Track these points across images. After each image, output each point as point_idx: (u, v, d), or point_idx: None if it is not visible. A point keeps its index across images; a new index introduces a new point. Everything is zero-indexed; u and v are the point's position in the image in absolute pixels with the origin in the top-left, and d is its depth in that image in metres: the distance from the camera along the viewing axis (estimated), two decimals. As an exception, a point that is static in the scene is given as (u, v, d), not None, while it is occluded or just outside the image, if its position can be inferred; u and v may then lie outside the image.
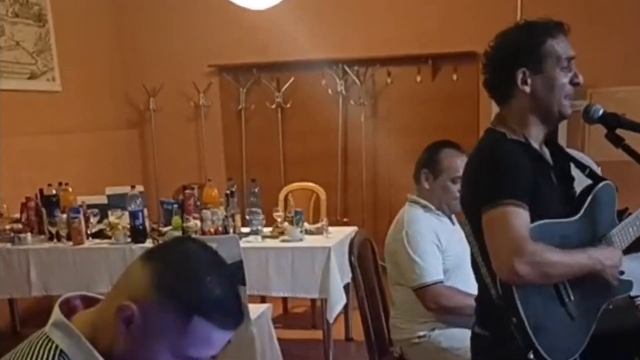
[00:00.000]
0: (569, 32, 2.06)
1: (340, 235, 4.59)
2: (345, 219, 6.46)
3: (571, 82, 2.03)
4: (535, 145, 2.09)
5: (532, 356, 1.92)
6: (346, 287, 4.44)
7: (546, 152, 2.16)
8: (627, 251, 2.14)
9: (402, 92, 6.65)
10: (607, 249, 2.06)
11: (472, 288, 3.02)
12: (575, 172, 2.21)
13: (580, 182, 2.19)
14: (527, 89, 2.02)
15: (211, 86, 7.01)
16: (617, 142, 2.06)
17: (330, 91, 6.71)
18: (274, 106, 6.83)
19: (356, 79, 6.66)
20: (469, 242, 2.15)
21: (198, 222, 4.46)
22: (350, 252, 3.25)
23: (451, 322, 3.06)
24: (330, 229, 4.68)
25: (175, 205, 4.64)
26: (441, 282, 3.01)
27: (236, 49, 6.78)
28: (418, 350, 3.09)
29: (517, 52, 2.03)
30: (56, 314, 1.30)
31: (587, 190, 2.13)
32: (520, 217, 1.88)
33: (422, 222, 3.10)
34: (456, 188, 3.05)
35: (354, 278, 3.25)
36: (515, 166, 1.95)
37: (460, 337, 2.97)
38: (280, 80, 6.82)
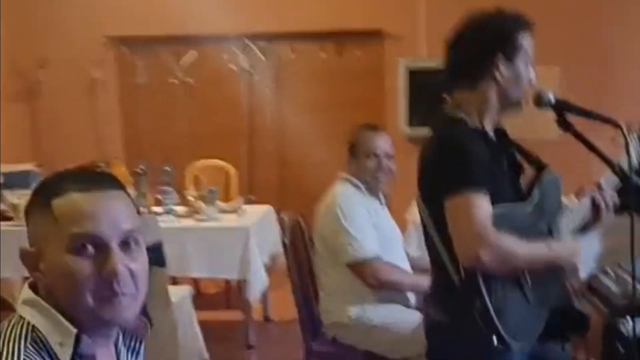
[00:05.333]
0: (534, 26, 2.11)
1: (256, 214, 4.53)
2: (252, 197, 6.35)
3: (528, 80, 2.09)
4: (490, 133, 2.12)
5: (495, 339, 1.94)
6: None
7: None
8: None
9: (307, 69, 6.58)
10: (568, 243, 2.13)
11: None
12: None
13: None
14: (499, 75, 2.04)
15: (107, 59, 6.67)
16: (567, 127, 2.12)
17: (234, 66, 6.56)
18: (175, 81, 6.61)
19: (260, 55, 6.54)
20: (427, 228, 2.13)
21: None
22: (283, 233, 3.21)
23: (381, 299, 3.07)
24: (244, 207, 4.61)
25: (83, 185, 4.38)
26: (378, 257, 3.02)
27: (134, 20, 6.47)
28: (351, 331, 3.09)
29: (498, 38, 2.05)
30: (25, 292, 1.28)
31: (535, 178, 2.18)
32: (483, 205, 1.92)
33: (354, 198, 3.12)
34: (372, 163, 3.13)
35: (287, 259, 3.21)
36: (478, 155, 1.98)
37: (391, 314, 3.05)
38: (182, 54, 6.59)
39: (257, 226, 4.28)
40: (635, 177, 2.07)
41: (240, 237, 4.18)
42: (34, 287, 1.28)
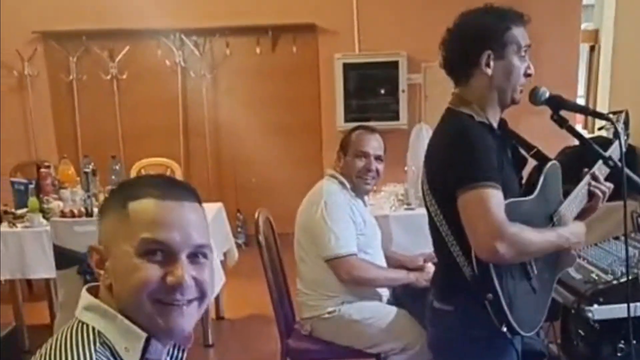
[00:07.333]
0: (529, 22, 2.13)
1: (210, 211, 4.47)
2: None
3: (525, 73, 2.11)
4: (495, 126, 2.15)
5: (505, 329, 2.00)
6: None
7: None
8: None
9: (243, 64, 6.57)
10: (573, 224, 2.18)
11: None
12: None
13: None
14: (489, 71, 2.07)
15: (37, 54, 6.45)
16: (562, 122, 2.18)
17: (168, 62, 6.48)
18: (108, 77, 6.47)
19: (195, 50, 6.47)
20: (435, 223, 2.15)
21: (60, 203, 4.13)
22: (257, 231, 3.21)
23: (359, 296, 3.11)
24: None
25: (31, 186, 4.25)
26: (355, 254, 3.05)
27: (63, 14, 6.29)
28: (329, 325, 3.11)
29: (485, 35, 2.07)
30: (86, 297, 1.27)
31: (537, 169, 2.23)
32: (497, 198, 1.94)
33: (339, 195, 3.14)
34: (361, 163, 3.16)
35: (261, 257, 3.20)
36: (488, 149, 2.00)
37: (369, 309, 3.10)
38: (114, 49, 6.45)
39: (213, 223, 4.24)
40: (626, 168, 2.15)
41: (197, 235, 4.11)
42: (92, 293, 1.28)
